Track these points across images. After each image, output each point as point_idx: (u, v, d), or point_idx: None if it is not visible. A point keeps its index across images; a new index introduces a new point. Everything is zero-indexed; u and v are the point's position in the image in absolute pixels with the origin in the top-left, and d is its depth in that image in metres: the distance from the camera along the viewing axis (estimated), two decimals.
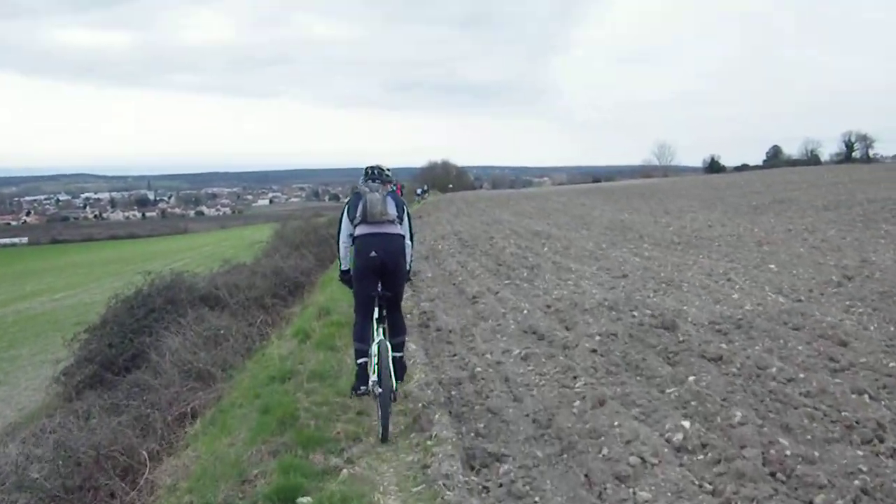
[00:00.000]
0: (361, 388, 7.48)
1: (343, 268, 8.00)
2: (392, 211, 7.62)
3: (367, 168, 8.23)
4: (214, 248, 56.62)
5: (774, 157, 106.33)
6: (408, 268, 8.00)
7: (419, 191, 72.71)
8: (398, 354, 7.79)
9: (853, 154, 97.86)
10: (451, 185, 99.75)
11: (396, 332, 7.89)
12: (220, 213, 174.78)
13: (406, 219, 7.93)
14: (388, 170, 8.40)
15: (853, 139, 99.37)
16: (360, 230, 7.58)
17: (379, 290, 7.62)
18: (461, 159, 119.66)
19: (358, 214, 7.59)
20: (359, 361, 7.55)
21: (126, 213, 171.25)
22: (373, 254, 7.44)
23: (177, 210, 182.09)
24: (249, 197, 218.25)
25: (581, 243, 21.97)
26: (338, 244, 8.11)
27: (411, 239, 8.10)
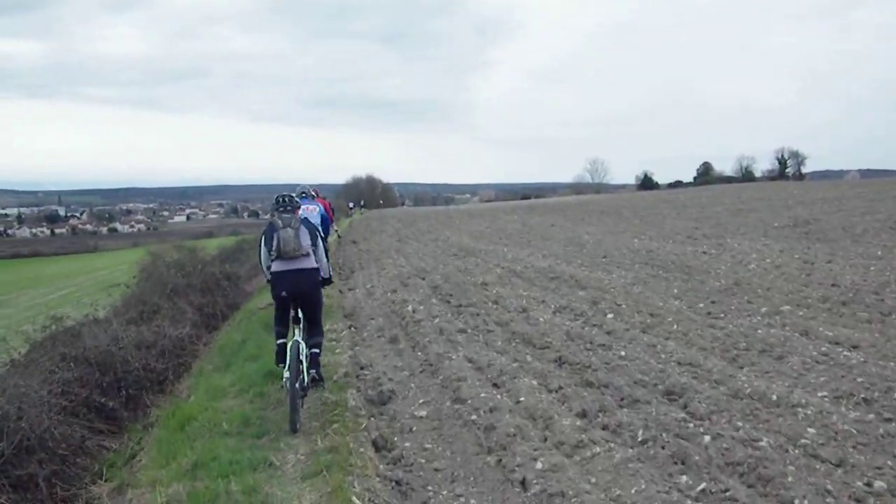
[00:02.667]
0: (279, 364, 8.61)
1: (268, 279, 8.74)
2: (305, 243, 8.40)
3: (277, 197, 8.73)
4: (111, 272, 50.62)
5: (705, 174, 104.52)
6: (326, 276, 9.10)
7: (351, 205, 69.71)
8: (315, 350, 8.73)
9: (786, 170, 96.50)
10: (381, 202, 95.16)
11: (313, 335, 8.76)
12: (135, 230, 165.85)
13: (320, 243, 8.83)
14: (313, 189, 10.88)
15: (786, 156, 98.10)
16: (275, 266, 8.44)
17: (294, 312, 8.62)
18: (383, 176, 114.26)
19: (273, 249, 8.33)
20: (278, 342, 8.65)
21: (34, 230, 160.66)
22: (284, 293, 8.47)
23: (88, 227, 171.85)
24: (166, 213, 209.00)
25: (654, 301, 13.74)
26: (261, 266, 8.96)
27: (326, 255, 9.22)
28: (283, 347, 8.42)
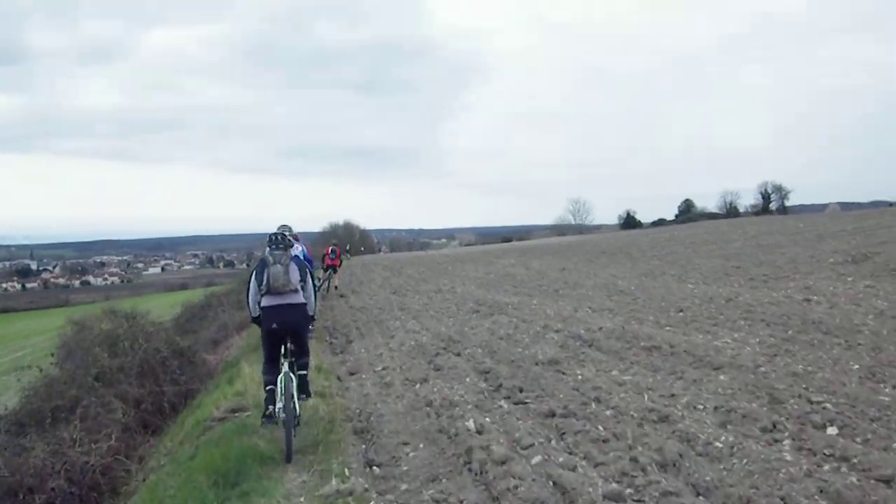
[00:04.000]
0: (269, 408, 8.34)
1: (253, 315, 8.84)
2: (294, 279, 8.53)
3: (270, 235, 8.91)
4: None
5: (687, 212, 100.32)
6: (313, 313, 9.10)
7: (346, 247, 65.86)
8: (303, 373, 8.82)
9: (770, 205, 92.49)
10: (363, 248, 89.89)
11: (300, 357, 8.82)
12: (108, 283, 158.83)
13: (309, 280, 8.95)
14: (292, 235, 9.71)
15: (769, 190, 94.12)
16: (265, 301, 8.52)
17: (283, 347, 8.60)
18: (359, 222, 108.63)
19: (263, 285, 8.47)
20: (267, 388, 8.52)
21: (4, 284, 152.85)
22: (274, 325, 8.46)
23: (61, 280, 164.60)
24: (140, 265, 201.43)
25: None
26: (247, 302, 8.90)
27: (314, 293, 9.10)
28: (271, 394, 8.40)
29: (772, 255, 27.29)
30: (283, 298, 8.43)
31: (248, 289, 8.74)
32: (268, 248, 8.68)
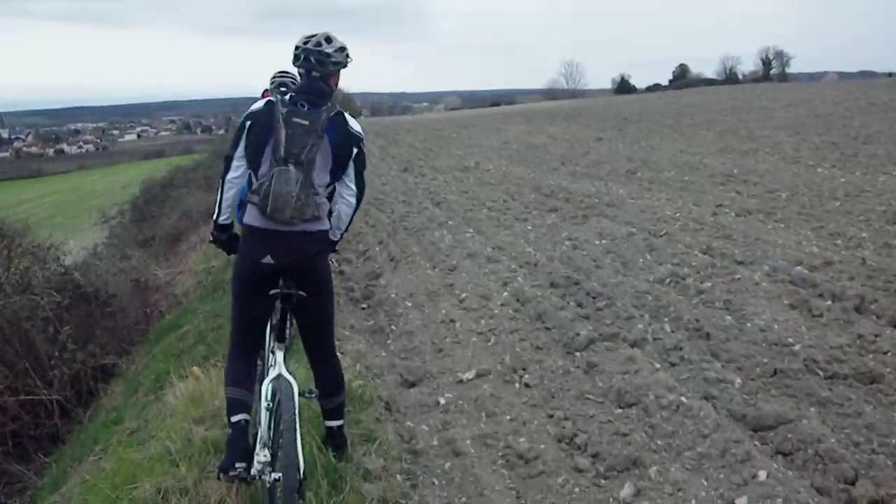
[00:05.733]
0: (237, 466, 3.49)
1: (221, 219, 4.06)
2: (319, 198, 3.83)
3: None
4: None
5: (682, 77, 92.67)
6: (337, 238, 4.19)
7: None
8: (335, 424, 4.20)
9: (770, 72, 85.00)
10: (363, 112, 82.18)
11: (329, 382, 4.12)
12: (83, 151, 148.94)
13: (352, 170, 3.99)
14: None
15: (770, 56, 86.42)
16: (252, 215, 3.81)
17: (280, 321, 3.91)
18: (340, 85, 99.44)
19: (262, 175, 3.76)
20: (233, 419, 3.70)
21: None
22: (267, 258, 3.73)
23: (34, 149, 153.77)
24: (116, 132, 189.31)
25: None
26: (219, 190, 4.00)
27: (360, 194, 4.12)
28: (241, 432, 3.62)
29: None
30: (290, 224, 3.69)
31: (227, 165, 3.95)
32: (280, 99, 3.81)
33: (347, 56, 4.00)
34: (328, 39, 3.90)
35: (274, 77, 6.99)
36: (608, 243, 9.46)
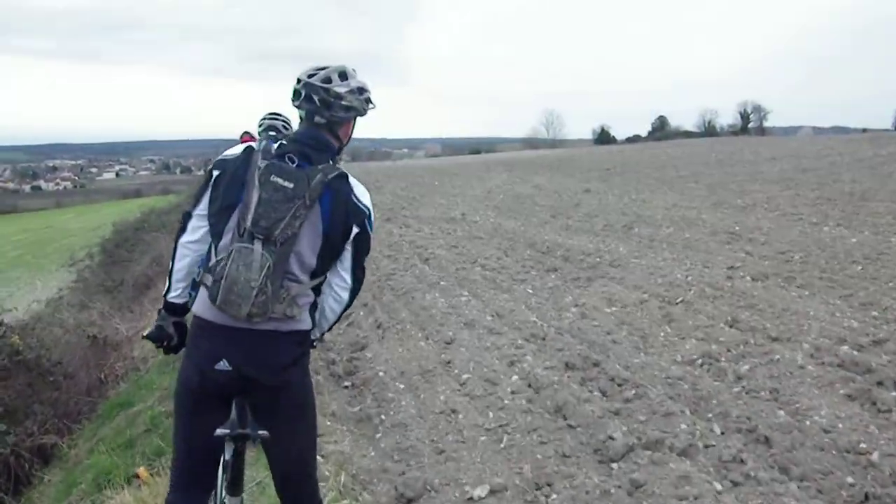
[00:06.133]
0: None
1: (170, 295, 2.98)
2: (297, 291, 2.76)
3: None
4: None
5: (661, 129, 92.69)
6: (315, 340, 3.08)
7: None
8: None
9: (748, 125, 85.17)
10: (342, 158, 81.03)
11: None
12: (60, 188, 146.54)
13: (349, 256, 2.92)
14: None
15: (749, 110, 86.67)
16: (199, 304, 2.78)
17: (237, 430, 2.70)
18: None
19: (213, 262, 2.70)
20: None
21: None
22: (222, 364, 2.66)
23: (10, 185, 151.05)
24: (94, 170, 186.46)
25: None
26: (172, 255, 2.93)
27: (356, 286, 3.01)
28: None
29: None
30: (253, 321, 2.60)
31: (183, 224, 2.87)
32: (264, 147, 2.72)
33: (368, 101, 2.97)
34: (343, 75, 2.86)
35: (263, 119, 5.98)
36: (620, 311, 8.40)
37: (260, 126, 5.96)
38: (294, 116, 3.02)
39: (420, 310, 8.90)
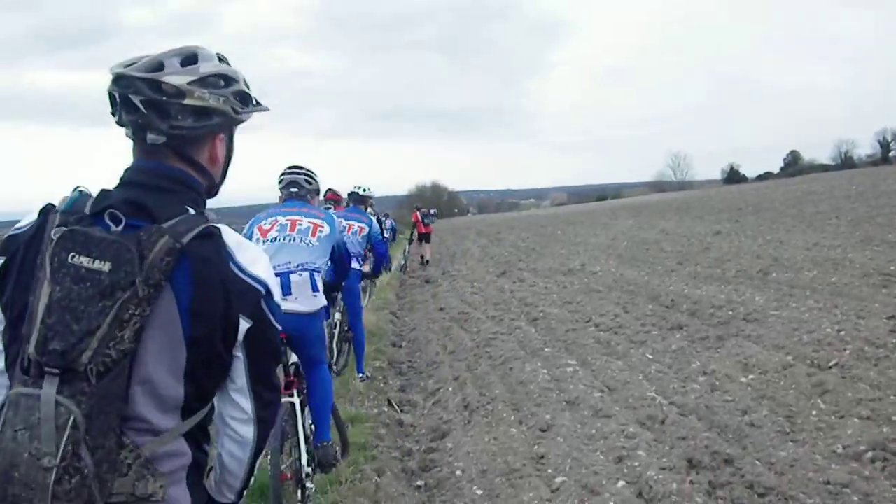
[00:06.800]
0: None
1: None
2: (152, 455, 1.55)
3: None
4: None
5: (794, 163, 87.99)
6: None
7: (433, 212, 57.95)
8: None
9: (889, 154, 79.36)
10: (456, 210, 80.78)
11: None
12: None
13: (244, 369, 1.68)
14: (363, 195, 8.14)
15: (889, 138, 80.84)
16: None
17: None
18: (447, 184, 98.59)
19: None
20: None
21: None
22: None
23: None
24: None
25: None
26: None
27: (266, 415, 1.73)
28: None
29: None
30: None
31: None
32: (70, 200, 1.56)
33: (241, 97, 1.78)
34: (189, 59, 1.67)
35: (282, 175, 4.93)
36: (758, 381, 6.80)
37: (280, 183, 4.96)
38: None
39: (517, 385, 7.53)
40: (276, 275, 4.23)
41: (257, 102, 1.84)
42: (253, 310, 1.65)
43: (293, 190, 4.94)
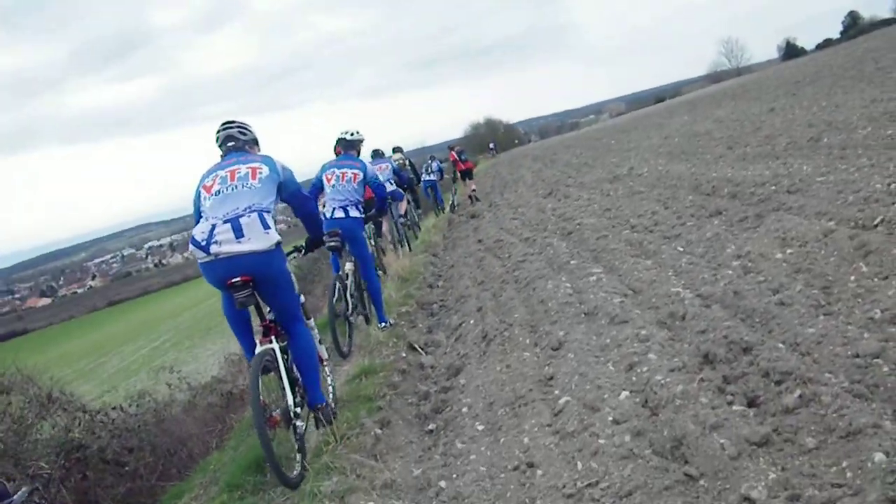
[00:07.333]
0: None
1: None
2: None
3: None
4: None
5: (854, 25, 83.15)
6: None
7: (491, 146, 58.34)
8: None
9: None
10: (516, 141, 79.88)
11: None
12: None
13: None
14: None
15: None
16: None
17: None
18: (501, 118, 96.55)
19: None
20: None
21: (185, 254, 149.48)
22: None
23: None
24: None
25: None
26: None
27: None
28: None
29: None
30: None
31: None
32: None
33: None
34: None
35: (217, 132, 4.74)
36: (796, 254, 6.07)
37: (217, 141, 5.02)
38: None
39: (537, 304, 6.96)
40: (226, 221, 4.01)
41: None
42: None
43: (230, 144, 4.90)
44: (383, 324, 7.76)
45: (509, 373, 5.37)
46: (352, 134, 8.20)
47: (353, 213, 7.52)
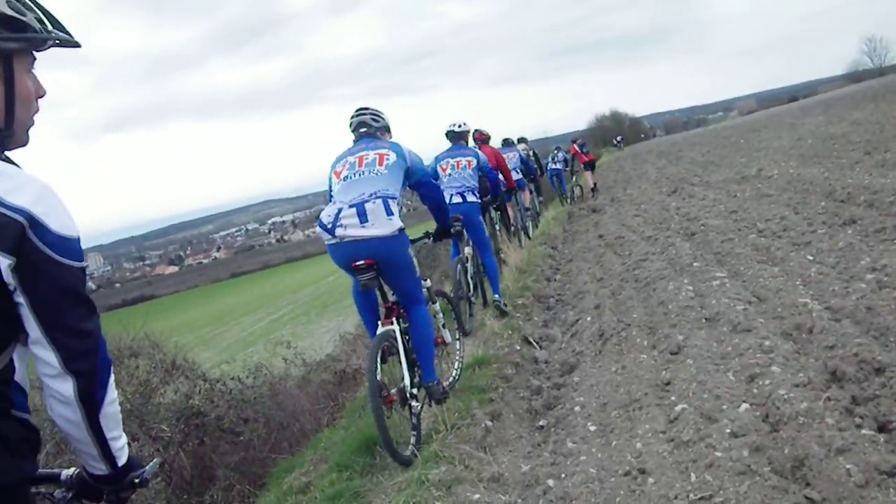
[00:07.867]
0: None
1: None
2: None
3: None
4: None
5: None
6: None
7: (619, 139, 58.01)
8: None
9: None
10: (642, 136, 78.62)
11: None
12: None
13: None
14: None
15: None
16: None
17: None
18: (627, 110, 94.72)
19: None
20: None
21: (306, 232, 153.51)
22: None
23: None
24: None
25: None
26: None
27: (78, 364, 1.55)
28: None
29: None
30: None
31: None
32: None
33: None
34: None
35: (352, 118, 5.05)
36: None
37: (350, 126, 5.22)
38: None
39: (657, 306, 6.80)
40: (352, 206, 4.11)
41: (43, 30, 1.53)
42: (12, 244, 1.41)
43: (362, 130, 5.06)
44: (497, 296, 7.86)
45: (625, 374, 5.27)
46: (459, 126, 8.59)
47: (470, 198, 7.85)
